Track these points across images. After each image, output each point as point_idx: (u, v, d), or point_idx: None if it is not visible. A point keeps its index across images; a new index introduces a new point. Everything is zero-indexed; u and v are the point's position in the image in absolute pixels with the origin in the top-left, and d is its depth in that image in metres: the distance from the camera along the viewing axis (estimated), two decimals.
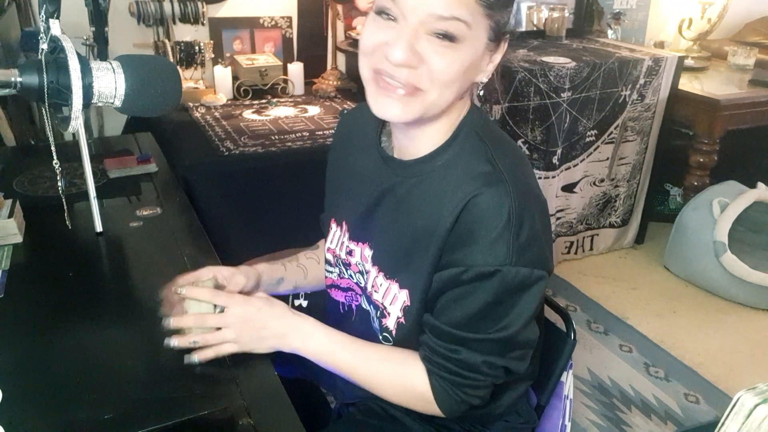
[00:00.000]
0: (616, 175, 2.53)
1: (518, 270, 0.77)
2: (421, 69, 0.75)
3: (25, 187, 1.36)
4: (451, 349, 0.82)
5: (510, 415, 1.00)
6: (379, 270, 0.89)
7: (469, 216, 0.77)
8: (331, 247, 1.00)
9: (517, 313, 0.80)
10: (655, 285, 2.51)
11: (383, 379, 0.88)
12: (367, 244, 0.92)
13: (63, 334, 0.90)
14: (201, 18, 2.05)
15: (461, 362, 0.82)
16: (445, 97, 0.78)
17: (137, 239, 1.18)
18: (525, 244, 0.77)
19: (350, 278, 0.98)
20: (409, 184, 0.86)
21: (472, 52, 0.76)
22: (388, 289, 0.87)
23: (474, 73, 0.80)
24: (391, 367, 0.88)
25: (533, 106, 2.18)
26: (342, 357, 0.88)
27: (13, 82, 0.80)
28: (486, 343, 0.81)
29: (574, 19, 2.83)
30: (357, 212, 0.93)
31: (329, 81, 2.30)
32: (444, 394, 0.84)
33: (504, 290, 0.78)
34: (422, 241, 0.82)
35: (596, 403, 1.86)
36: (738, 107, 2.46)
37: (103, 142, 1.80)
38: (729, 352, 2.12)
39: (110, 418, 0.74)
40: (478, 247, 0.77)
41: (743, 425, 0.68)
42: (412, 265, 0.84)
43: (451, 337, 0.81)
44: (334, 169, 1.04)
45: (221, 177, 1.68)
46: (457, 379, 0.83)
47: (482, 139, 0.84)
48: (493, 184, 0.77)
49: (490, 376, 0.83)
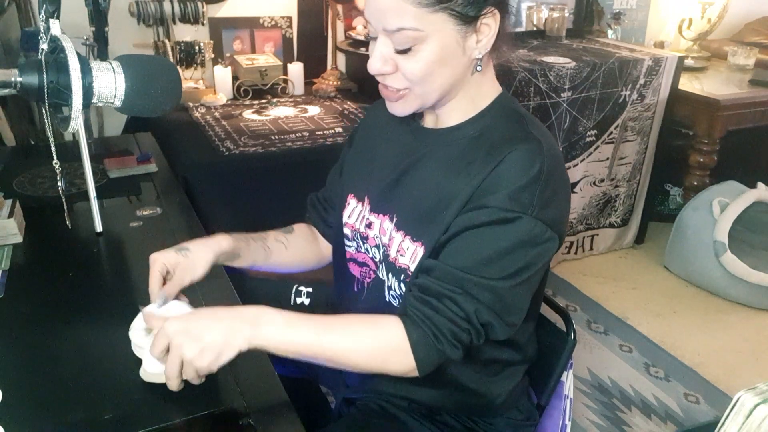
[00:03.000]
0: (616, 175, 2.53)
1: (536, 222, 0.79)
2: (398, 73, 0.83)
3: (25, 187, 1.36)
4: (449, 288, 0.80)
5: (511, 411, 1.01)
6: (405, 234, 0.90)
7: (502, 167, 0.80)
8: (349, 222, 1.01)
9: (523, 266, 0.80)
10: (655, 285, 2.51)
11: (352, 344, 0.80)
12: (388, 216, 0.93)
13: (63, 334, 0.90)
14: (201, 18, 2.05)
15: (455, 303, 0.79)
16: (431, 87, 0.84)
17: (137, 239, 1.18)
18: (548, 201, 0.80)
19: (366, 252, 0.98)
20: (438, 152, 0.90)
21: (439, 45, 0.80)
22: (414, 252, 0.88)
23: (455, 57, 0.82)
24: (358, 328, 0.81)
25: (533, 106, 2.18)
26: (302, 333, 0.78)
27: (13, 82, 0.80)
28: (484, 291, 0.79)
29: (574, 19, 2.83)
30: (381, 185, 0.95)
31: (329, 81, 2.30)
32: (422, 341, 0.80)
33: (518, 239, 0.79)
34: (448, 200, 0.84)
35: (596, 403, 1.86)
36: (738, 107, 2.46)
37: (103, 142, 1.80)
38: (729, 352, 2.12)
39: (110, 418, 0.74)
40: (504, 191, 0.79)
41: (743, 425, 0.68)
42: (433, 223, 0.85)
43: (453, 277, 0.80)
44: (355, 151, 1.06)
45: (221, 177, 1.68)
46: (443, 321, 0.79)
47: (518, 112, 0.89)
48: (528, 142, 0.82)
49: (474, 329, 0.81)
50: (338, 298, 1.09)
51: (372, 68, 0.84)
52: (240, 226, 1.70)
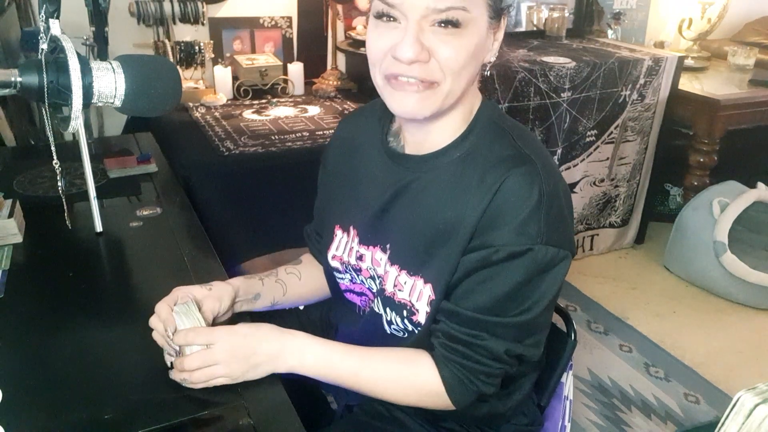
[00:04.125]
0: (616, 175, 2.53)
1: (548, 249, 0.77)
2: (431, 62, 0.76)
3: (25, 187, 1.36)
4: (474, 335, 0.80)
5: (516, 417, 1.00)
6: (400, 268, 0.87)
7: (501, 198, 0.78)
8: (337, 255, 0.98)
9: (541, 294, 0.80)
10: (655, 285, 2.51)
11: (389, 381, 0.86)
12: (379, 247, 0.90)
13: (63, 334, 0.90)
14: (201, 18, 2.05)
15: (484, 349, 0.81)
16: (458, 84, 0.79)
17: (137, 239, 1.18)
18: (554, 223, 0.78)
19: (362, 283, 0.97)
20: (426, 179, 0.86)
21: (477, 34, 0.77)
22: (413, 286, 0.86)
23: (481, 55, 0.81)
24: (395, 367, 0.86)
25: (533, 106, 2.18)
26: (343, 366, 0.85)
27: (13, 82, 0.80)
28: (509, 329, 0.80)
29: (574, 19, 2.83)
30: (367, 216, 0.92)
31: (329, 81, 2.30)
32: (456, 383, 0.82)
33: (533, 270, 0.78)
34: (447, 232, 0.82)
35: (596, 403, 1.86)
36: (738, 107, 2.46)
37: (103, 142, 1.80)
38: (729, 352, 2.12)
39: (110, 418, 0.74)
40: (509, 227, 0.77)
41: (743, 425, 0.68)
42: (435, 258, 0.83)
43: (475, 322, 0.80)
44: (333, 176, 1.02)
45: (221, 177, 1.68)
46: (476, 366, 0.82)
47: (501, 127, 0.85)
48: (522, 164, 0.78)
49: (507, 364, 0.83)
50: (338, 317, 1.08)
51: (405, 55, 0.74)
52: (240, 225, 1.71)
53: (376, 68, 0.80)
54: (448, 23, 0.74)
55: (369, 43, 0.80)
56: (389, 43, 0.76)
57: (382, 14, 0.76)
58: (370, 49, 0.80)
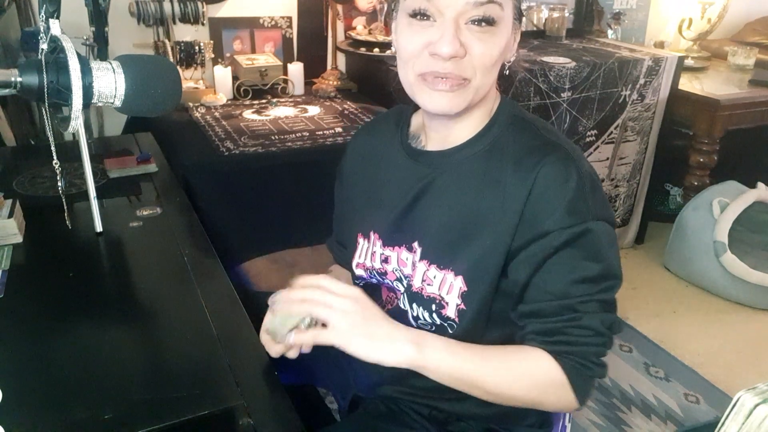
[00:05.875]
0: (616, 175, 2.53)
1: (599, 224, 0.80)
2: (466, 59, 0.78)
3: (25, 187, 1.36)
4: (567, 318, 0.80)
5: (528, 417, 0.99)
6: (429, 263, 0.87)
7: (541, 186, 0.79)
8: (360, 262, 0.98)
9: (608, 266, 0.80)
10: (655, 285, 2.51)
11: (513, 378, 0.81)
12: (405, 246, 0.90)
13: (63, 334, 0.90)
14: (201, 18, 2.05)
15: (581, 329, 0.79)
16: (487, 80, 0.81)
17: (137, 239, 1.18)
18: (599, 200, 0.81)
19: (387, 285, 0.96)
20: (451, 173, 0.87)
21: (506, 32, 0.80)
22: (443, 280, 0.86)
23: (506, 53, 0.83)
24: (517, 364, 0.81)
25: (533, 106, 2.18)
26: (464, 363, 0.79)
27: (13, 82, 0.80)
28: (594, 304, 0.80)
29: (574, 19, 2.83)
30: (390, 217, 0.92)
31: (329, 81, 2.30)
32: (576, 373, 0.80)
33: (594, 246, 0.79)
34: (480, 223, 0.82)
35: (596, 403, 1.86)
36: (738, 107, 2.46)
37: (103, 142, 1.80)
38: (729, 352, 2.12)
39: (110, 418, 0.74)
40: (559, 211, 0.78)
41: (743, 425, 0.68)
42: (467, 249, 0.83)
43: (561, 307, 0.80)
44: (351, 187, 1.02)
45: (221, 177, 1.68)
46: (584, 350, 0.80)
47: (524, 119, 0.87)
48: (553, 151, 0.81)
49: (607, 338, 0.81)
50: None
51: (445, 51, 0.76)
52: (240, 225, 1.71)
53: (409, 66, 0.81)
54: (483, 21, 0.77)
55: (402, 41, 0.81)
56: (424, 41, 0.78)
57: (417, 13, 0.78)
58: (404, 47, 0.81)
